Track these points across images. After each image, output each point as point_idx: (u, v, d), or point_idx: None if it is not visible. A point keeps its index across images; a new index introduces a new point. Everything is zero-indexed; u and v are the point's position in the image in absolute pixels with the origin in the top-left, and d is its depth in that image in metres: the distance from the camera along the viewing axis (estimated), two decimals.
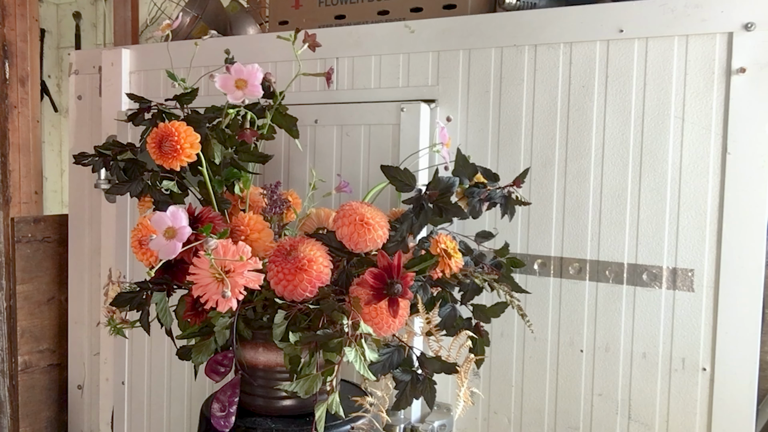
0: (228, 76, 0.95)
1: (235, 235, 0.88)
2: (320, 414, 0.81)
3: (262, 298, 0.84)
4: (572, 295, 1.27)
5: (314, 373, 0.80)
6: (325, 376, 0.81)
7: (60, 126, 4.04)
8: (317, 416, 0.81)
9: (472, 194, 0.88)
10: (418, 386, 0.83)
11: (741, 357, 1.13)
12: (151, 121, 0.95)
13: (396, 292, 0.77)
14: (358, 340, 0.79)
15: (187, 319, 0.87)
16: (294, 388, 0.80)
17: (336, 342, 0.79)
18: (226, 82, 0.95)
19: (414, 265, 0.86)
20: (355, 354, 0.79)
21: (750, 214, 1.12)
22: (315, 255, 0.82)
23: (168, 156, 0.85)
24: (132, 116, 0.98)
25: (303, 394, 0.80)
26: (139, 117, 0.97)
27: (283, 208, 0.94)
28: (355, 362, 0.79)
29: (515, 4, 1.36)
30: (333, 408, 0.81)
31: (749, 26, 1.10)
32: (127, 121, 0.98)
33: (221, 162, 0.93)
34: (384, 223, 0.84)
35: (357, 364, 0.79)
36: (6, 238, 1.84)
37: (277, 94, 0.96)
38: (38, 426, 1.93)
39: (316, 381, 0.80)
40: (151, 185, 0.93)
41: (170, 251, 0.77)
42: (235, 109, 0.95)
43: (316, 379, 0.80)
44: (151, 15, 1.93)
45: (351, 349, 0.78)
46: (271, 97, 0.97)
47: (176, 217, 0.77)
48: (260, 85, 0.94)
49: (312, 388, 0.80)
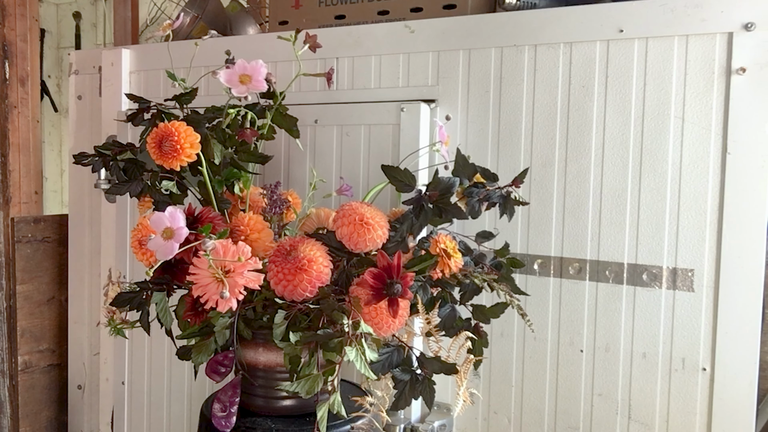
0: (233, 71, 0.96)
1: (235, 235, 0.87)
2: (322, 414, 0.81)
3: (262, 298, 0.84)
4: (572, 295, 1.27)
5: (315, 373, 0.80)
6: (326, 376, 0.80)
7: (60, 126, 4.04)
8: (319, 416, 0.80)
9: (471, 194, 0.88)
10: (417, 386, 0.83)
11: (741, 357, 1.13)
12: (151, 121, 0.95)
13: (396, 293, 0.77)
14: (358, 340, 0.79)
15: (187, 319, 0.87)
16: (295, 388, 0.80)
17: (336, 342, 0.79)
18: (231, 77, 0.96)
19: (413, 265, 0.86)
20: (356, 353, 0.79)
21: (750, 214, 1.12)
22: (315, 255, 0.82)
23: (168, 156, 0.85)
24: (131, 116, 0.98)
25: (304, 394, 0.80)
26: (139, 117, 0.97)
27: (283, 208, 0.94)
28: (356, 361, 0.79)
29: (515, 4, 1.36)
30: (335, 408, 0.81)
31: (749, 26, 1.10)
32: (127, 121, 0.98)
33: (221, 162, 0.93)
34: (384, 223, 0.84)
35: (358, 363, 0.79)
36: (6, 238, 1.84)
37: (278, 95, 0.96)
38: (38, 426, 1.94)
39: (317, 381, 0.80)
40: (150, 185, 0.93)
41: (168, 252, 0.77)
42: (235, 109, 0.95)
43: (318, 378, 0.80)
44: (151, 15, 1.93)
45: (352, 348, 0.78)
46: (271, 97, 0.97)
47: (174, 218, 0.77)
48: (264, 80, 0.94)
49: (313, 388, 0.80)
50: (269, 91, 0.98)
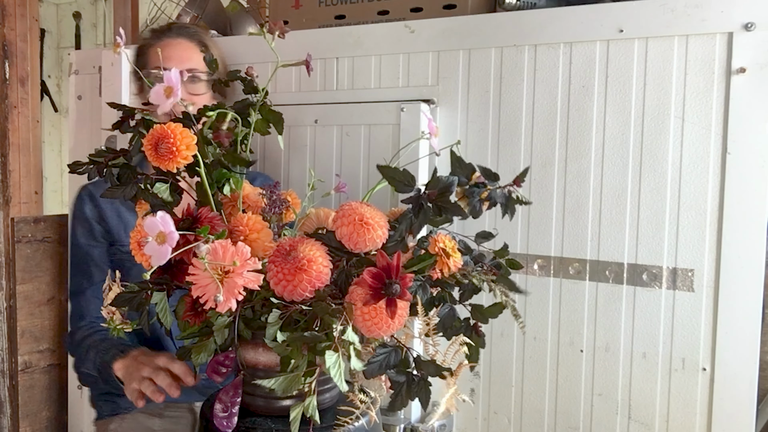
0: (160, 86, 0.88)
1: (234, 235, 0.87)
2: (295, 415, 0.80)
3: (261, 297, 0.84)
4: (572, 295, 1.27)
5: (295, 373, 0.80)
6: (305, 377, 0.80)
7: (60, 126, 4.04)
8: (292, 417, 0.80)
9: (473, 194, 0.88)
10: (413, 387, 0.82)
11: (741, 357, 1.13)
12: (135, 128, 0.94)
13: (394, 293, 0.76)
14: (346, 346, 0.78)
15: (187, 319, 0.87)
16: (272, 385, 0.79)
17: (324, 345, 0.78)
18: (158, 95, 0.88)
19: (412, 265, 0.86)
20: (335, 360, 0.76)
21: (750, 214, 1.12)
22: (315, 255, 0.81)
23: (165, 158, 0.85)
24: (117, 125, 0.97)
25: (281, 392, 0.80)
26: (125, 125, 0.96)
27: (282, 208, 0.94)
28: (332, 368, 0.76)
29: (515, 4, 1.36)
30: (309, 411, 0.80)
31: (749, 26, 1.10)
32: (113, 129, 0.97)
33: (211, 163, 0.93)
34: (383, 223, 0.84)
35: (333, 370, 0.76)
36: (6, 238, 1.84)
37: (260, 89, 0.95)
38: (38, 426, 1.94)
39: (296, 381, 0.80)
40: (144, 189, 0.92)
41: (161, 256, 0.77)
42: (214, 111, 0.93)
43: (296, 379, 0.80)
44: (151, 15, 1.93)
45: (333, 354, 0.77)
46: (255, 92, 0.96)
47: (165, 222, 0.77)
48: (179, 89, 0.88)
49: (290, 387, 0.80)
50: (252, 86, 0.96)
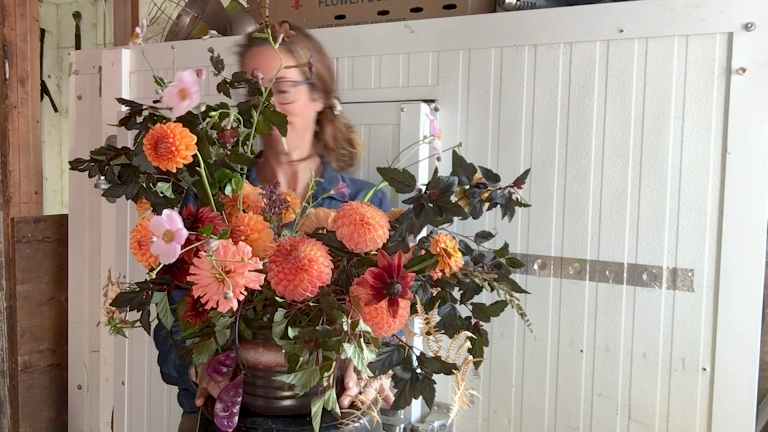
0: (173, 87, 0.89)
1: (235, 235, 0.87)
2: (317, 410, 0.81)
3: (263, 298, 0.84)
4: (572, 295, 1.27)
5: (313, 367, 0.80)
6: (323, 372, 0.80)
7: (60, 126, 4.04)
8: (314, 411, 0.81)
9: (473, 195, 0.88)
10: (418, 385, 0.82)
11: (741, 357, 1.13)
12: (143, 125, 0.95)
13: (396, 292, 0.77)
14: (357, 338, 0.79)
15: (188, 319, 0.87)
16: (292, 380, 0.80)
17: (335, 340, 0.79)
18: (171, 96, 0.89)
19: (414, 265, 0.86)
20: (353, 350, 0.78)
21: (750, 214, 1.12)
22: (315, 255, 0.81)
23: (164, 158, 0.85)
24: (124, 120, 0.97)
25: (300, 387, 0.80)
26: (132, 121, 0.96)
27: (282, 208, 0.94)
28: (354, 358, 0.79)
29: (515, 4, 1.36)
30: (329, 404, 0.81)
31: (749, 26, 1.10)
32: (120, 125, 0.98)
33: (213, 163, 0.93)
34: (384, 222, 0.84)
35: (355, 359, 0.79)
36: (6, 238, 1.84)
37: (263, 90, 0.95)
38: (38, 426, 1.94)
39: (314, 375, 0.80)
40: (146, 188, 0.92)
41: (171, 254, 0.77)
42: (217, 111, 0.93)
43: (314, 373, 0.80)
44: (151, 15, 1.93)
45: (350, 345, 0.78)
46: (259, 93, 0.97)
47: (171, 220, 0.77)
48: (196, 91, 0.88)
49: (309, 381, 0.80)
50: (256, 87, 0.97)
